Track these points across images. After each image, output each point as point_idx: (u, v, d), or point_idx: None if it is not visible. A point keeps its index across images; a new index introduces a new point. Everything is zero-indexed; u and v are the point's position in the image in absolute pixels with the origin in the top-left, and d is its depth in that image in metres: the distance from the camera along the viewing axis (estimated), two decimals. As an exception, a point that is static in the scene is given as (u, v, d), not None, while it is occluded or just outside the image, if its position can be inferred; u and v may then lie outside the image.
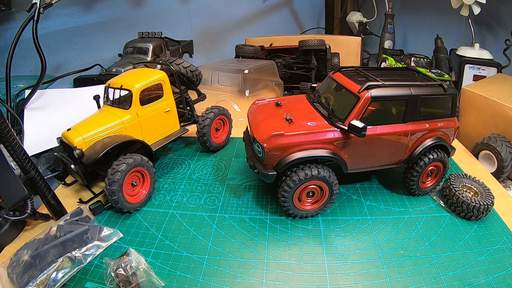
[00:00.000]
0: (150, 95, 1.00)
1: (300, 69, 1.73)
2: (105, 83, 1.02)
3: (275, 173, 0.83)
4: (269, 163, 0.83)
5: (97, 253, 0.77)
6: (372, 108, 0.82)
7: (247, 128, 0.98)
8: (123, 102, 0.97)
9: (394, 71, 0.99)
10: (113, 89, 0.98)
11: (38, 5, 1.14)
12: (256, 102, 1.00)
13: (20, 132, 1.16)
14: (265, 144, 0.81)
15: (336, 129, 0.82)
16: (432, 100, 0.88)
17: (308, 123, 0.84)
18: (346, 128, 0.80)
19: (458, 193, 0.87)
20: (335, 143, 0.83)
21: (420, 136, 0.89)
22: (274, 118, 0.88)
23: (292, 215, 0.87)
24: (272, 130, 0.82)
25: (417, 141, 0.89)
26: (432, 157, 0.90)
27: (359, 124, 0.77)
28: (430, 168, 0.93)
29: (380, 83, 0.83)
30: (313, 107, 0.92)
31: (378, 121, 0.85)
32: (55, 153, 0.95)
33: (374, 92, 0.81)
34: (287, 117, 0.85)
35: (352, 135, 0.81)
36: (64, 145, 0.92)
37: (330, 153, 0.82)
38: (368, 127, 0.81)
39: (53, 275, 0.69)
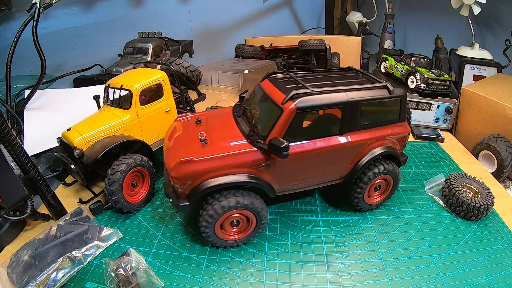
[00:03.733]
0: (150, 95, 1.00)
1: (300, 69, 1.73)
2: (105, 83, 1.02)
3: (188, 203, 0.72)
4: (182, 192, 0.72)
5: (97, 253, 0.77)
6: (300, 121, 0.72)
7: None
8: (123, 102, 0.97)
9: (334, 73, 0.88)
10: (113, 89, 0.98)
11: (38, 5, 1.14)
12: (178, 118, 0.89)
13: (20, 132, 1.16)
14: (172, 173, 0.70)
15: (256, 149, 0.72)
16: (375, 105, 0.77)
17: (226, 144, 0.73)
18: (266, 148, 0.69)
19: (458, 193, 0.87)
20: (255, 166, 0.72)
21: (363, 148, 0.79)
22: (189, 139, 0.77)
23: (217, 246, 0.78)
24: (181, 155, 0.71)
25: (360, 153, 0.79)
26: (378, 170, 0.81)
27: (279, 143, 0.66)
28: (378, 181, 0.85)
29: (309, 90, 0.72)
30: (235, 122, 0.81)
31: (309, 135, 0.74)
32: (55, 153, 0.95)
33: (301, 103, 0.70)
34: (202, 138, 0.73)
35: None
36: (64, 145, 0.92)
37: (249, 178, 0.71)
38: (295, 143, 0.72)
39: (53, 275, 0.69)
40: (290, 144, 0.70)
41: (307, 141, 0.74)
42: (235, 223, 0.77)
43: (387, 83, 0.79)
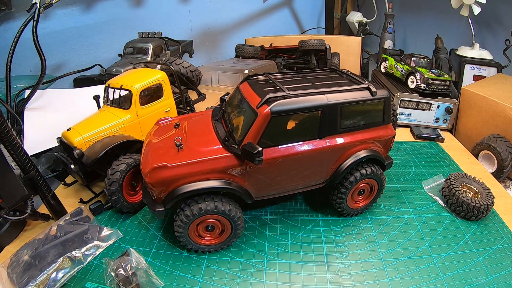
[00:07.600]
0: (150, 95, 1.00)
1: (300, 69, 1.73)
2: (105, 83, 1.02)
3: (163, 209, 0.72)
4: (157, 198, 0.72)
5: (97, 253, 0.77)
6: (277, 125, 0.70)
7: None
8: (123, 102, 0.97)
9: (316, 75, 0.85)
10: (113, 89, 0.98)
11: (38, 5, 1.14)
12: (158, 122, 0.89)
13: (20, 132, 1.16)
14: (146, 178, 0.71)
15: (231, 154, 0.70)
16: (356, 107, 0.75)
17: (200, 149, 0.72)
18: (240, 153, 0.68)
19: (458, 193, 0.87)
20: (231, 171, 0.71)
21: (345, 151, 0.77)
22: (165, 144, 0.76)
23: (188, 248, 0.77)
24: (155, 161, 0.70)
25: (342, 157, 0.77)
26: (360, 174, 0.79)
27: (252, 148, 0.65)
28: (362, 185, 0.83)
29: (285, 93, 0.70)
30: (213, 126, 0.79)
31: (287, 140, 0.72)
32: (55, 153, 0.95)
33: (276, 107, 0.68)
34: (178, 143, 0.71)
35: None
36: (64, 145, 0.92)
37: (223, 184, 0.70)
38: (272, 148, 0.71)
39: (53, 275, 0.69)
40: (266, 149, 0.69)
41: (285, 146, 0.72)
42: (209, 228, 0.76)
43: (369, 84, 0.76)
